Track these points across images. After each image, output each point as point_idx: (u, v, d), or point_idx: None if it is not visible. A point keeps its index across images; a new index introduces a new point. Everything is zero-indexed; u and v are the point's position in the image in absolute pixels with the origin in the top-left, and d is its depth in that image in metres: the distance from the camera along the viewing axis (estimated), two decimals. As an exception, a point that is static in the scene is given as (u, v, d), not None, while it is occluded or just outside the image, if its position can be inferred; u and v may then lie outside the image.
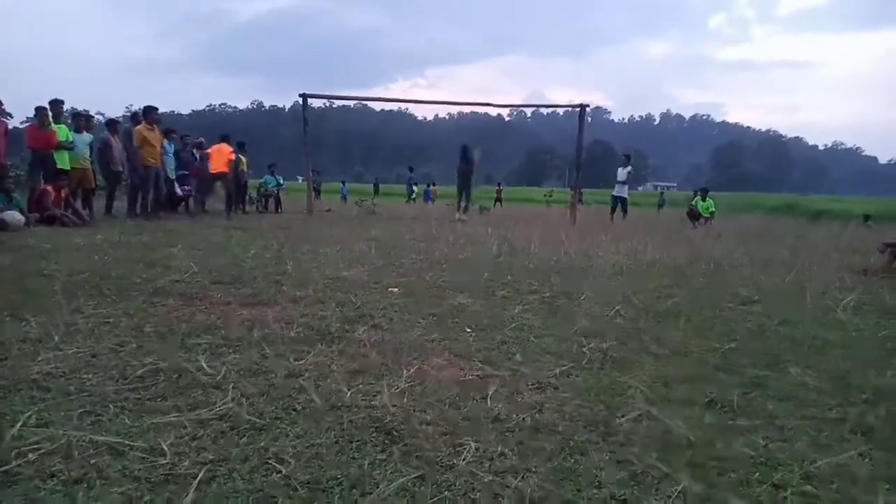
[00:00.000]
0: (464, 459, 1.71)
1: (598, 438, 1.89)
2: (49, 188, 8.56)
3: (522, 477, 1.63)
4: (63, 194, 8.81)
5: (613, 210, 14.42)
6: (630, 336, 3.23)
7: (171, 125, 13.20)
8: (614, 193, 14.64)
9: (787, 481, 1.64)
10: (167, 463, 1.64)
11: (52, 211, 8.35)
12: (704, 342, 3.17)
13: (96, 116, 11.40)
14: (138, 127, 10.17)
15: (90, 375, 2.30)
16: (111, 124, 11.00)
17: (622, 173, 14.26)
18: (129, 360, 2.49)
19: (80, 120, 10.36)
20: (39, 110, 9.05)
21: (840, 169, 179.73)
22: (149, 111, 10.31)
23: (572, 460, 1.74)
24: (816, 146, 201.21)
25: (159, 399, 2.10)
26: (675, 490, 1.58)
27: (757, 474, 1.68)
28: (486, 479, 1.61)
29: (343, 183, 31.70)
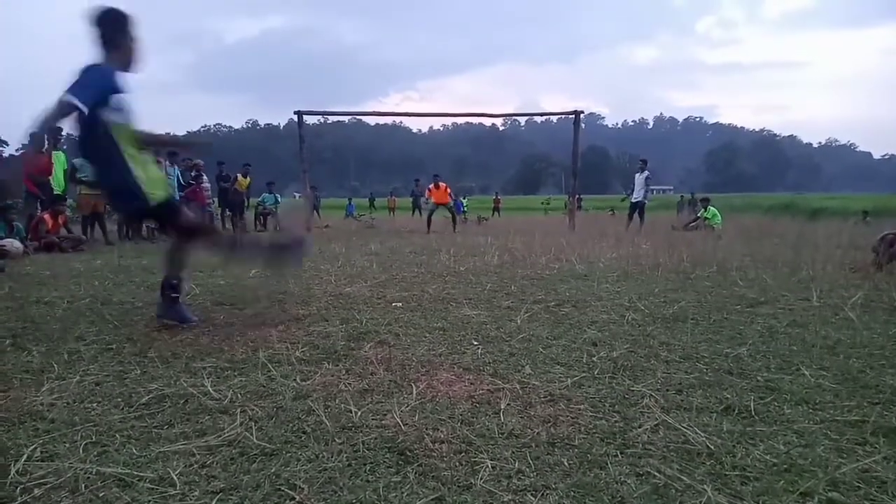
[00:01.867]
0: (481, 478, 1.67)
1: (615, 451, 1.85)
2: (46, 216, 8.54)
3: (542, 495, 1.59)
4: (61, 221, 8.78)
5: (631, 216, 14.31)
6: (639, 343, 3.20)
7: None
8: (632, 200, 14.62)
9: (813, 489, 1.59)
10: (177, 494, 1.60)
11: (50, 238, 8.32)
12: (714, 346, 3.13)
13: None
14: None
15: (95, 405, 2.26)
16: None
17: (640, 179, 14.25)
18: (133, 387, 2.45)
19: None
20: (35, 137, 9.04)
21: (835, 166, 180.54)
22: None
23: (592, 475, 1.70)
24: (811, 144, 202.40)
25: (166, 426, 2.06)
26: (700, 502, 1.54)
27: (782, 482, 1.64)
28: (505, 499, 1.56)
29: (349, 200, 32.53)
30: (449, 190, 15.21)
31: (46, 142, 9.12)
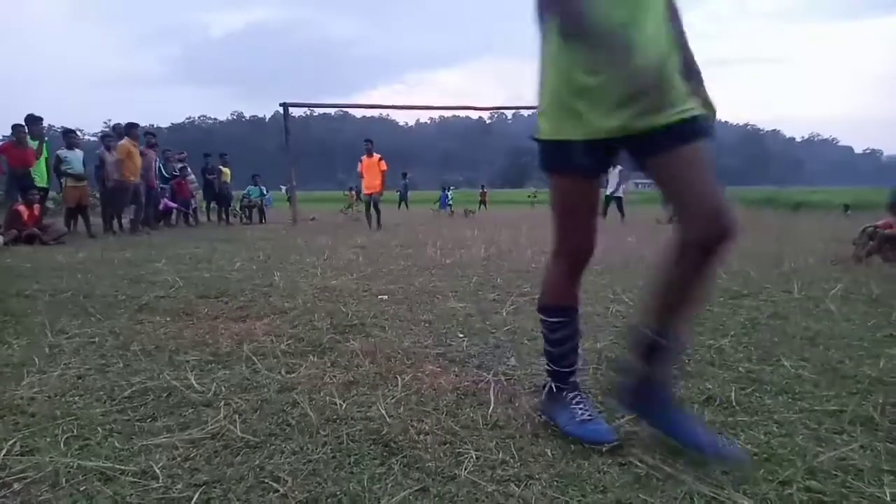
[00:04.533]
0: (465, 469, 1.67)
1: (599, 441, 1.87)
2: (20, 207, 8.41)
3: (526, 484, 1.60)
4: (36, 211, 8.63)
5: (605, 211, 14.33)
6: (623, 334, 3.22)
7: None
8: (607, 193, 14.61)
9: (792, 477, 1.62)
10: (160, 487, 1.59)
11: (31, 230, 8.20)
12: (697, 338, 3.16)
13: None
14: (123, 141, 10.11)
15: (76, 398, 2.24)
16: (105, 140, 10.90)
17: (613, 173, 14.23)
18: (116, 380, 2.43)
19: (72, 137, 10.21)
20: (16, 128, 8.90)
21: (817, 160, 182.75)
22: (131, 128, 10.39)
23: (575, 465, 1.71)
24: (794, 138, 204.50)
25: (149, 420, 2.04)
26: (681, 491, 1.56)
27: (762, 471, 1.67)
28: (489, 489, 1.57)
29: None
30: (383, 168, 11.87)
31: (27, 133, 8.98)
